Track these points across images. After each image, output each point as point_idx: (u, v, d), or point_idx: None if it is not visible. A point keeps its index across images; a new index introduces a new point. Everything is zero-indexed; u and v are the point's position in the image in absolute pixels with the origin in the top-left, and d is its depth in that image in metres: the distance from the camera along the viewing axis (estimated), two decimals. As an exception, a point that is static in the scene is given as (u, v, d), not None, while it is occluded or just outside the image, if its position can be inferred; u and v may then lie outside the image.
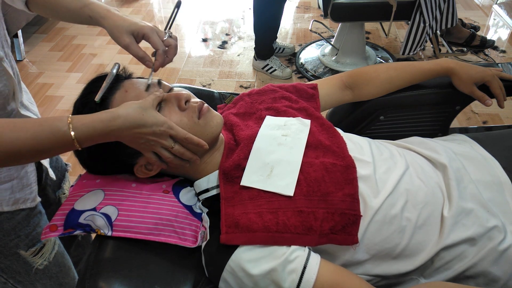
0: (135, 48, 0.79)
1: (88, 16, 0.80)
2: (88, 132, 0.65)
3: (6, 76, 0.72)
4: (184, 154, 0.76)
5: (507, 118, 2.16)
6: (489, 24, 3.01)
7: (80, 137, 0.64)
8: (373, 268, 0.78)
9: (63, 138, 0.64)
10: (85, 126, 0.65)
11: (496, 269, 0.76)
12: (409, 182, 0.82)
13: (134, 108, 0.69)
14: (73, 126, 0.64)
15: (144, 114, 0.69)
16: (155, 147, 0.72)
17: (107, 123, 0.66)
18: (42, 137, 0.63)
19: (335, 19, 2.21)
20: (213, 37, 2.99)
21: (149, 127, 0.69)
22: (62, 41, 2.96)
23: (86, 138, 0.65)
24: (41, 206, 0.89)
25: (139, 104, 0.70)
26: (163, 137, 0.71)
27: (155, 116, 0.70)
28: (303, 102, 0.97)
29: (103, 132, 0.66)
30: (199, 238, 0.79)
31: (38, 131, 0.63)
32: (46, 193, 0.98)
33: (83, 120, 0.65)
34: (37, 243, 0.87)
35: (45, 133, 0.63)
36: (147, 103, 0.71)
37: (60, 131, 0.63)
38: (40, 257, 0.88)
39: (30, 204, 0.83)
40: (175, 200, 0.82)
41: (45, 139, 0.63)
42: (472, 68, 0.98)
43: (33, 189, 0.83)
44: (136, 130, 0.68)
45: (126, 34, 0.78)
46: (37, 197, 0.85)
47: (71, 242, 1.14)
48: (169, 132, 0.71)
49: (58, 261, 0.94)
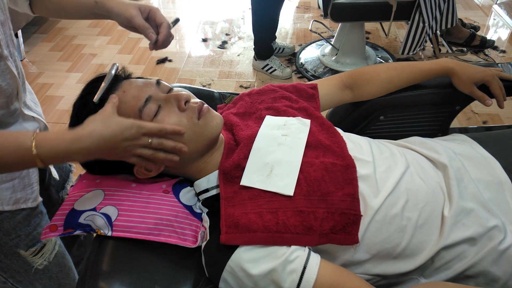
0: (140, 19, 0.80)
1: (94, 1, 0.80)
2: (52, 151, 0.63)
3: (10, 75, 0.72)
4: (164, 145, 0.72)
5: (507, 118, 2.16)
6: (489, 24, 3.01)
7: (43, 155, 0.62)
8: (373, 267, 0.78)
9: (25, 154, 0.62)
10: (49, 145, 0.63)
11: (496, 269, 0.76)
12: (409, 182, 0.82)
13: (96, 122, 0.66)
14: (36, 144, 0.61)
15: (107, 124, 0.66)
16: (133, 150, 0.70)
17: (69, 144, 0.64)
18: (5, 151, 0.61)
19: (335, 19, 2.21)
20: (213, 37, 2.99)
21: (119, 134, 0.66)
22: (62, 41, 2.96)
23: (50, 157, 0.63)
24: (42, 206, 0.89)
25: (100, 116, 0.67)
26: (137, 139, 0.69)
27: (120, 122, 0.67)
28: (303, 102, 0.97)
29: (67, 153, 0.64)
30: (199, 238, 0.79)
31: (2, 144, 0.61)
32: (49, 193, 0.98)
33: (48, 138, 0.63)
34: (37, 243, 0.87)
35: (9, 147, 0.62)
36: (107, 113, 0.68)
37: (23, 147, 0.61)
38: (40, 257, 0.88)
39: (31, 204, 0.83)
40: (175, 200, 0.82)
41: (8, 153, 0.62)
42: (472, 68, 0.98)
43: (34, 189, 0.83)
44: (107, 144, 0.65)
45: (133, 8, 0.79)
46: (38, 197, 0.85)
47: (73, 242, 1.14)
48: (140, 131, 0.68)
49: (59, 261, 0.94)
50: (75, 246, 1.15)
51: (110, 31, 3.05)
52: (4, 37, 0.71)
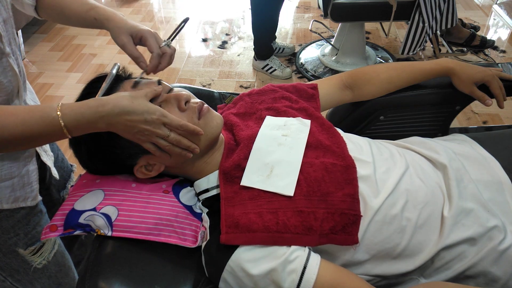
0: (131, 48, 0.80)
1: (93, 19, 0.82)
2: (76, 118, 0.65)
3: (12, 72, 0.73)
4: (181, 142, 0.74)
5: (507, 118, 2.16)
6: (489, 24, 3.01)
7: (69, 123, 0.65)
8: (373, 268, 0.78)
9: (51, 124, 0.64)
10: (74, 112, 0.65)
11: (496, 269, 0.76)
12: (409, 182, 0.82)
13: (124, 96, 0.69)
14: (61, 113, 0.64)
15: (134, 102, 0.68)
16: (150, 137, 0.72)
17: (95, 108, 0.66)
18: (31, 123, 0.63)
19: (335, 19, 2.21)
20: (213, 37, 2.99)
21: (140, 114, 0.68)
22: (62, 41, 2.96)
23: (75, 124, 0.66)
24: (42, 205, 0.88)
25: (130, 93, 0.70)
26: (157, 126, 0.71)
27: (146, 104, 0.69)
28: (303, 102, 0.97)
29: (92, 119, 0.66)
30: (199, 238, 0.79)
31: (28, 117, 0.63)
32: (50, 192, 0.98)
33: (72, 106, 0.66)
34: (36, 242, 0.87)
35: (35, 119, 0.64)
36: (139, 93, 0.71)
37: (49, 117, 0.64)
38: (39, 256, 0.88)
39: (30, 202, 0.83)
40: (175, 200, 0.82)
41: (34, 125, 0.64)
42: (472, 68, 0.98)
43: (34, 188, 0.83)
44: (127, 117, 0.68)
45: (124, 35, 0.80)
46: (38, 196, 0.85)
47: (74, 242, 1.13)
48: (162, 120, 0.70)
49: (58, 261, 0.93)
50: (76, 245, 1.14)
51: (110, 31, 3.05)
52: (7, 35, 0.71)
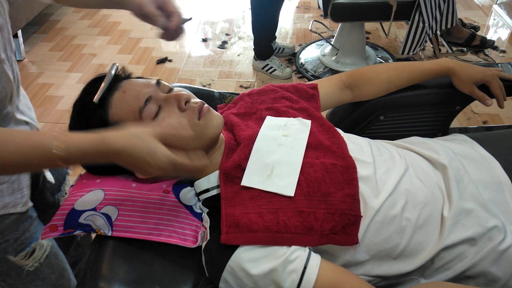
0: (151, 7, 0.76)
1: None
2: (76, 154, 0.62)
3: (6, 78, 0.72)
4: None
5: (507, 118, 2.16)
6: (489, 24, 3.01)
7: (68, 158, 0.61)
8: (373, 268, 0.78)
9: (48, 158, 0.60)
10: (73, 148, 0.61)
11: (496, 269, 0.76)
12: (409, 183, 0.82)
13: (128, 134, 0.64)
14: (59, 149, 0.60)
15: (138, 142, 0.64)
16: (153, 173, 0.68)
17: (95, 146, 0.62)
18: (26, 153, 0.60)
19: (335, 19, 2.21)
20: (213, 37, 2.99)
21: (142, 158, 0.64)
22: (62, 41, 2.96)
23: (74, 160, 0.62)
24: (33, 211, 0.86)
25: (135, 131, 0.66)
26: (162, 171, 0.67)
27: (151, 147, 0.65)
28: (303, 102, 0.97)
29: (92, 154, 0.63)
30: (199, 238, 0.79)
31: (24, 145, 0.60)
32: (43, 195, 0.96)
33: (71, 141, 0.61)
34: (26, 247, 0.85)
35: (31, 148, 0.60)
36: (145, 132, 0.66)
37: (46, 151, 0.60)
38: (31, 259, 0.86)
39: (20, 208, 0.81)
40: (175, 200, 0.82)
41: (29, 154, 0.60)
42: (472, 68, 0.98)
43: (24, 194, 0.81)
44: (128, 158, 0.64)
45: (149, 3, 0.76)
46: (28, 202, 0.83)
47: (70, 243, 1.12)
48: (170, 168, 0.66)
49: (51, 262, 0.91)
50: (72, 246, 1.13)
51: (110, 31, 3.05)
52: (2, 41, 0.71)
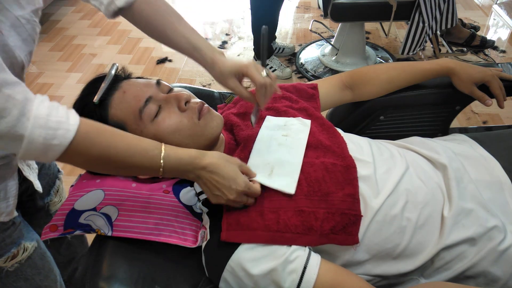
0: (240, 90, 0.78)
1: (195, 58, 0.81)
2: (175, 162, 0.68)
3: None
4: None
5: (507, 118, 2.16)
6: (489, 24, 3.01)
7: (167, 164, 0.67)
8: (373, 268, 0.78)
9: (152, 159, 0.66)
10: (174, 156, 0.68)
11: (496, 269, 0.76)
12: (409, 182, 0.82)
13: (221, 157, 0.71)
14: (164, 155, 0.67)
15: (227, 166, 0.71)
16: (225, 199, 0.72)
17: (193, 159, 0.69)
18: (134, 151, 0.65)
19: (335, 19, 2.21)
20: (213, 37, 2.99)
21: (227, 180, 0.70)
22: (62, 41, 2.96)
23: (171, 167, 0.68)
24: (17, 217, 0.84)
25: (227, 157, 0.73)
26: (238, 196, 0.72)
27: (236, 173, 0.71)
28: (303, 102, 0.97)
29: (187, 167, 0.69)
30: (199, 238, 0.79)
31: (134, 143, 0.65)
32: (33, 198, 0.95)
33: (175, 149, 0.69)
34: (6, 253, 0.82)
35: (139, 148, 0.66)
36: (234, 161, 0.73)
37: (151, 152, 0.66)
38: (12, 261, 0.84)
39: (4, 218, 0.79)
40: (175, 200, 0.82)
41: (136, 154, 0.65)
42: (472, 68, 0.98)
43: (10, 203, 0.79)
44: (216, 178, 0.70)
45: (230, 78, 0.78)
46: (13, 212, 0.81)
47: (61, 242, 1.09)
48: (245, 192, 0.72)
49: (36, 263, 0.89)
50: (64, 245, 1.11)
51: (110, 31, 3.05)
52: (27, 65, 0.72)
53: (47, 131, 0.57)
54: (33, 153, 0.59)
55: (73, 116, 0.61)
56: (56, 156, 0.60)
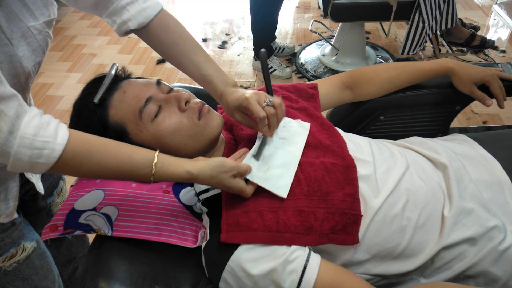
0: (247, 123, 0.79)
1: (207, 89, 0.83)
2: (166, 176, 0.68)
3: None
4: None
5: (507, 118, 2.16)
6: (489, 24, 3.01)
7: (158, 179, 0.68)
8: (373, 268, 0.78)
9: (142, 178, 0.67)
10: (165, 173, 0.67)
11: (496, 269, 0.76)
12: (409, 182, 0.82)
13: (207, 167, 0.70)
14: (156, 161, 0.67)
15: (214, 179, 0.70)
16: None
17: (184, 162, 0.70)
18: (124, 171, 0.65)
19: (335, 19, 2.21)
20: (213, 37, 2.99)
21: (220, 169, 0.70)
22: (62, 41, 2.96)
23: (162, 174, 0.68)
24: (17, 217, 0.84)
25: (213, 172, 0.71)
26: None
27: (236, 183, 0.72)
28: (303, 102, 0.96)
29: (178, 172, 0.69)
30: (199, 238, 0.80)
31: (124, 162, 0.65)
32: (35, 198, 0.95)
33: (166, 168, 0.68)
34: (5, 253, 0.83)
35: (130, 167, 0.66)
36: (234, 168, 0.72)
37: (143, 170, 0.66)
38: (10, 260, 0.84)
39: (3, 219, 0.79)
40: (175, 200, 0.82)
41: (127, 173, 0.66)
42: (472, 68, 0.98)
43: (10, 205, 0.79)
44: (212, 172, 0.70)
45: (235, 112, 0.79)
46: (13, 214, 0.81)
47: (62, 241, 1.10)
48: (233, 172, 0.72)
49: (34, 263, 0.89)
50: (64, 245, 1.11)
51: (110, 31, 3.05)
52: (34, 75, 0.73)
53: (33, 151, 0.58)
54: (19, 168, 0.60)
55: (61, 135, 0.60)
56: (44, 171, 0.61)
